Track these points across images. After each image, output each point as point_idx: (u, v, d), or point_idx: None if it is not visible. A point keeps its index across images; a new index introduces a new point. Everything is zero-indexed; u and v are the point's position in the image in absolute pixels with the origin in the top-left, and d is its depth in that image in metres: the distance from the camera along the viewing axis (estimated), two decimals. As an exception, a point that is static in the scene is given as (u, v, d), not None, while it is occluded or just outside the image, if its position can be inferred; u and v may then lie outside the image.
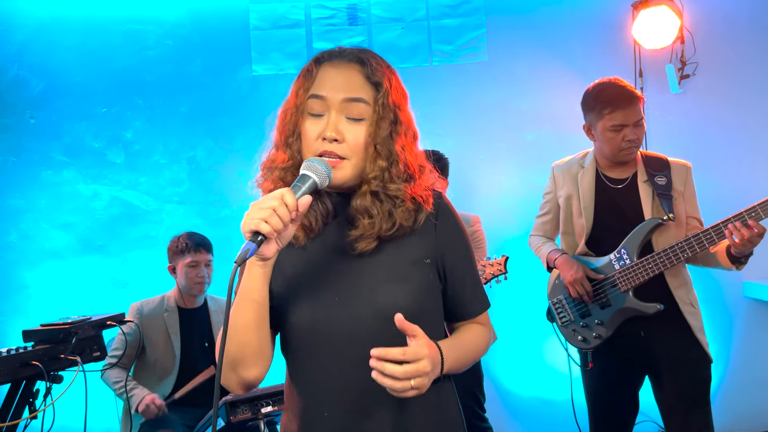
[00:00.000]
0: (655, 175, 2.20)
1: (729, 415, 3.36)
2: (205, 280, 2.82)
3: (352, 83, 1.13)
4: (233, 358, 1.09)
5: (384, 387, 1.02)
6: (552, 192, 2.41)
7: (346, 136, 1.11)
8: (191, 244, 2.81)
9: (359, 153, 1.12)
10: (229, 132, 3.48)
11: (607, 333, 2.23)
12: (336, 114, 1.11)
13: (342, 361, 1.11)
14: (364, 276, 1.14)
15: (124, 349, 2.68)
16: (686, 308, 2.17)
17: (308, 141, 1.13)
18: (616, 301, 2.20)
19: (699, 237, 2.08)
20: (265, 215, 0.98)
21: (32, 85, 3.42)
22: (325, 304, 1.12)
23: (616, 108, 2.13)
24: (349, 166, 1.11)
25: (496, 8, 3.54)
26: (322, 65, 1.16)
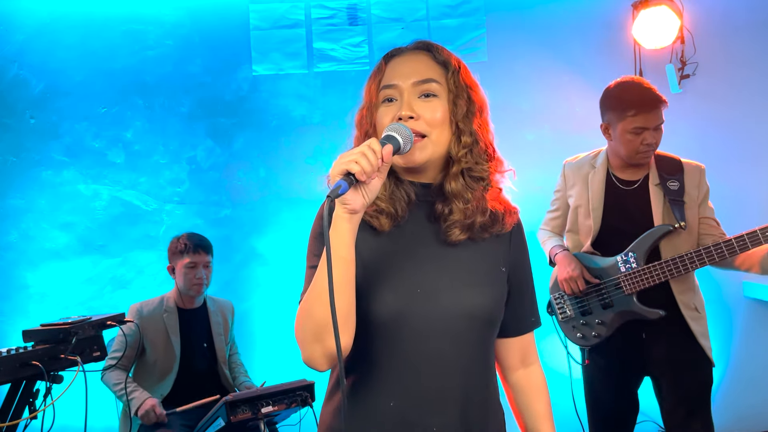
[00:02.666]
0: (667, 179, 2.17)
1: (729, 415, 3.35)
2: (203, 282, 2.82)
3: (421, 66, 1.16)
4: (319, 325, 1.03)
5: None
6: (562, 190, 2.39)
7: (421, 113, 1.12)
8: (190, 245, 2.81)
9: (437, 128, 1.13)
10: (229, 132, 3.48)
11: (606, 333, 2.22)
12: (408, 95, 1.14)
13: (418, 355, 1.11)
14: (448, 272, 1.14)
15: (123, 350, 2.68)
16: (690, 313, 2.15)
17: (382, 125, 1.14)
18: (618, 302, 2.20)
19: (710, 250, 2.06)
20: (355, 157, 0.99)
21: (32, 85, 3.42)
22: (408, 295, 1.11)
23: (640, 111, 2.09)
24: (429, 144, 1.13)
25: (496, 8, 3.54)
26: (390, 60, 1.20)
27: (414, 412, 1.11)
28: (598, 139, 2.33)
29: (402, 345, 1.11)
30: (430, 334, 1.11)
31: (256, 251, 3.46)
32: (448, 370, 1.11)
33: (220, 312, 2.97)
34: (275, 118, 3.49)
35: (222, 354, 2.91)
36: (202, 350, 2.87)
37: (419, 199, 1.18)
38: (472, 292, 1.13)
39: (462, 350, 1.13)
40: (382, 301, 1.10)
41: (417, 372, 1.11)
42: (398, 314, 1.10)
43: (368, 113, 1.18)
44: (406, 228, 1.17)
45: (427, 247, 1.15)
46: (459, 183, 1.15)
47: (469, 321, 1.12)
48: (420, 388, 1.11)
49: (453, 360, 1.12)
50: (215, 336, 2.91)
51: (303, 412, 2.55)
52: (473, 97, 1.19)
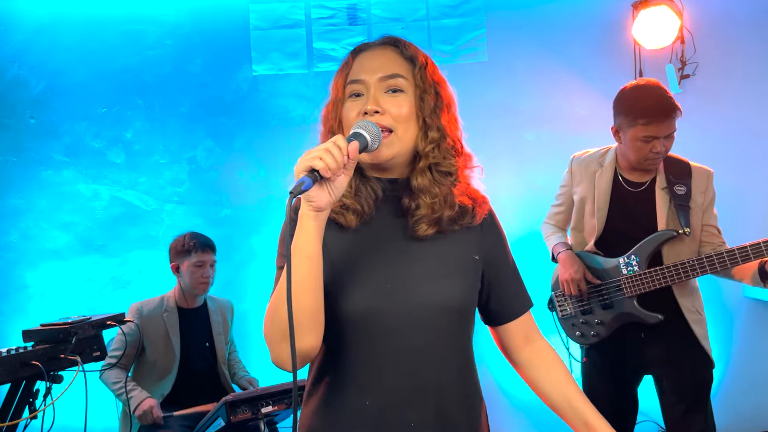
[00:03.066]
0: (675, 183, 2.15)
1: (729, 415, 3.35)
2: (209, 281, 2.83)
3: (387, 62, 1.16)
4: (286, 325, 0.99)
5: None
6: (567, 186, 2.36)
7: (387, 107, 1.12)
8: (198, 244, 2.81)
9: (403, 123, 1.13)
10: (229, 132, 3.48)
11: (605, 333, 2.23)
12: (375, 90, 1.13)
13: (391, 350, 1.10)
14: (417, 266, 1.13)
15: (123, 349, 2.68)
16: (692, 316, 2.15)
17: (349, 120, 1.14)
18: (618, 304, 2.20)
19: (712, 259, 2.05)
20: (320, 153, 0.98)
21: (32, 85, 3.42)
22: (378, 291, 1.10)
23: (652, 121, 2.04)
24: (395, 140, 1.12)
25: (496, 8, 3.54)
26: (357, 55, 1.20)
27: (391, 408, 1.10)
28: (599, 139, 2.33)
29: (374, 341, 1.10)
30: (402, 328, 1.10)
31: (256, 251, 3.46)
32: (423, 363, 1.11)
33: (220, 311, 2.98)
34: (275, 118, 3.48)
35: (222, 354, 2.91)
36: (202, 350, 2.87)
37: (386, 194, 1.18)
38: (442, 284, 1.13)
39: (435, 342, 1.12)
40: (352, 298, 1.10)
41: (391, 368, 1.10)
42: (368, 311, 1.09)
43: (334, 108, 1.18)
44: (373, 224, 1.16)
45: (395, 242, 1.15)
46: (426, 178, 1.15)
47: (440, 313, 1.12)
48: (395, 384, 1.10)
49: (427, 353, 1.11)
50: (215, 336, 2.91)
51: (302, 411, 2.55)
52: (441, 93, 1.19)
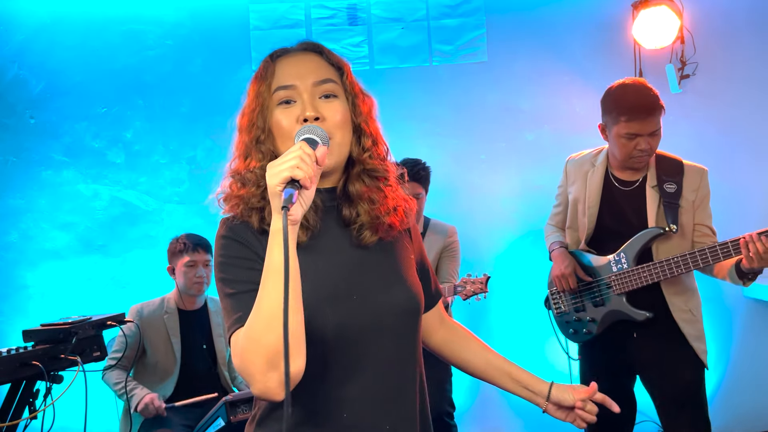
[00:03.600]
0: (665, 181, 2.16)
1: (729, 415, 3.36)
2: (203, 280, 2.82)
3: (317, 67, 1.13)
4: (274, 352, 0.93)
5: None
6: (563, 186, 2.41)
7: (325, 114, 1.09)
8: (189, 244, 2.81)
9: (341, 130, 1.10)
10: (229, 132, 3.46)
11: (596, 330, 2.26)
12: (308, 96, 1.10)
13: (364, 361, 1.09)
14: (373, 274, 1.13)
15: (124, 350, 2.68)
16: (682, 316, 2.15)
17: (285, 129, 1.09)
18: (608, 301, 2.22)
19: (695, 255, 2.06)
20: (296, 163, 0.93)
21: (32, 85, 3.42)
22: (345, 304, 1.08)
23: (634, 118, 2.05)
24: (335, 147, 1.09)
25: (496, 8, 3.54)
26: (277, 60, 1.15)
27: (367, 417, 1.09)
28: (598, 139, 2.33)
29: (347, 355, 1.08)
30: (372, 338, 1.09)
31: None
32: (396, 370, 1.12)
33: (220, 313, 2.97)
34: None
35: (222, 355, 2.91)
36: (202, 352, 2.87)
37: (325, 204, 1.15)
38: (401, 289, 1.14)
39: (402, 346, 1.13)
40: (322, 315, 1.05)
41: (364, 378, 1.09)
42: (340, 325, 1.07)
43: (260, 116, 1.12)
44: (320, 237, 1.12)
45: (346, 254, 1.13)
46: (362, 184, 1.14)
47: (405, 316, 1.13)
48: (370, 394, 1.10)
49: (396, 358, 1.12)
50: (215, 337, 2.91)
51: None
52: (366, 99, 1.18)
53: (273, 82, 1.12)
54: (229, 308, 1.05)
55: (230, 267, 1.07)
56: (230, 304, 1.05)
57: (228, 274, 1.07)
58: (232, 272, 1.06)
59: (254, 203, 1.08)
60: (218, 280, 1.09)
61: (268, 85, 1.12)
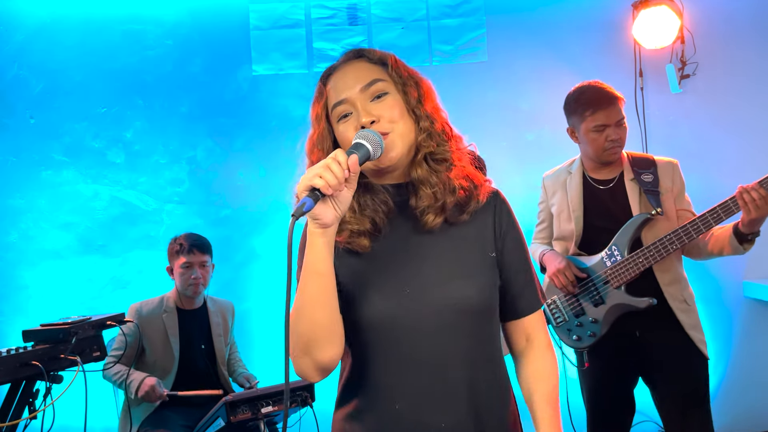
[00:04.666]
0: (641, 173, 2.22)
1: (729, 415, 3.35)
2: (199, 282, 2.82)
3: (360, 72, 1.16)
4: (305, 339, 1.06)
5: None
6: (544, 201, 2.47)
7: (379, 113, 1.12)
8: (185, 246, 2.81)
9: (399, 122, 1.13)
10: (229, 132, 3.48)
11: (601, 330, 2.24)
12: (361, 103, 1.13)
13: (415, 354, 1.10)
14: (432, 265, 1.13)
15: (123, 349, 2.68)
16: (677, 305, 2.17)
17: (348, 141, 1.12)
18: (608, 297, 2.22)
19: (687, 228, 2.09)
20: (319, 171, 0.98)
21: (32, 85, 3.42)
22: (396, 296, 1.11)
23: (597, 109, 2.17)
24: (396, 139, 1.12)
25: (496, 8, 3.54)
26: (328, 80, 1.19)
27: (420, 411, 1.11)
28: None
29: (398, 346, 1.11)
30: (424, 331, 1.10)
31: (256, 251, 3.46)
32: (448, 365, 1.11)
33: (220, 313, 2.97)
34: (275, 118, 3.49)
35: (221, 355, 2.91)
36: (201, 351, 2.87)
37: (395, 200, 1.18)
38: (461, 285, 1.12)
39: (459, 343, 1.12)
40: (372, 305, 1.10)
41: (417, 371, 1.10)
42: (389, 316, 1.10)
43: (322, 139, 1.17)
44: (391, 233, 1.16)
45: (408, 241, 1.15)
46: (423, 169, 1.15)
47: (461, 314, 1.12)
48: (422, 387, 1.11)
49: (452, 355, 1.11)
50: (215, 337, 2.91)
51: (303, 412, 2.55)
52: (420, 83, 1.20)
53: (329, 102, 1.16)
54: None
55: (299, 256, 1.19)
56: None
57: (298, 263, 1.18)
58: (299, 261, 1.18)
59: None
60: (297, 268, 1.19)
61: (324, 106, 1.17)
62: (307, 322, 1.05)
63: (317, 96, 1.19)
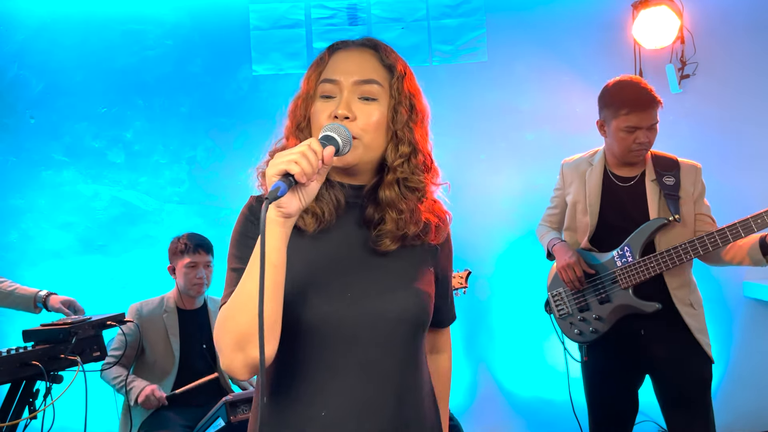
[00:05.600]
0: (663, 175, 2.20)
1: (729, 414, 3.35)
2: (203, 282, 2.82)
3: (365, 66, 1.12)
4: (243, 333, 0.98)
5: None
6: (560, 188, 2.42)
7: (357, 114, 1.08)
8: (190, 245, 2.81)
9: (371, 133, 1.09)
10: (229, 132, 3.48)
11: (603, 328, 2.24)
12: (348, 94, 1.09)
13: (348, 361, 1.07)
14: (377, 277, 1.11)
15: (123, 349, 2.68)
16: (685, 309, 2.16)
17: (318, 121, 1.10)
18: (615, 297, 2.21)
19: (704, 240, 2.07)
20: (295, 157, 0.94)
21: (32, 85, 3.42)
22: (336, 300, 1.07)
23: (633, 110, 2.11)
24: (360, 146, 1.08)
25: (496, 8, 3.54)
26: (335, 52, 1.15)
27: (347, 419, 1.07)
28: (598, 139, 2.33)
29: (331, 352, 1.07)
30: (360, 339, 1.07)
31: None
32: (380, 374, 1.09)
33: (220, 312, 2.97)
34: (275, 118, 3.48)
35: (221, 354, 2.90)
36: (201, 351, 2.87)
37: (348, 201, 1.15)
38: (402, 296, 1.11)
39: (393, 354, 1.10)
40: (310, 306, 1.06)
41: (348, 379, 1.07)
42: (327, 320, 1.06)
43: (303, 104, 1.15)
44: (333, 231, 1.13)
45: (356, 252, 1.12)
46: (393, 192, 1.11)
47: (399, 325, 1.10)
48: (352, 395, 1.07)
49: (384, 364, 1.09)
50: (215, 336, 2.91)
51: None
52: (416, 106, 1.15)
53: (322, 73, 1.13)
54: (227, 283, 1.10)
55: (237, 243, 1.13)
56: (228, 278, 1.10)
57: (234, 249, 1.13)
58: (237, 248, 1.12)
59: None
60: (228, 254, 1.14)
61: (318, 75, 1.14)
62: (249, 314, 0.96)
63: (317, 61, 1.16)
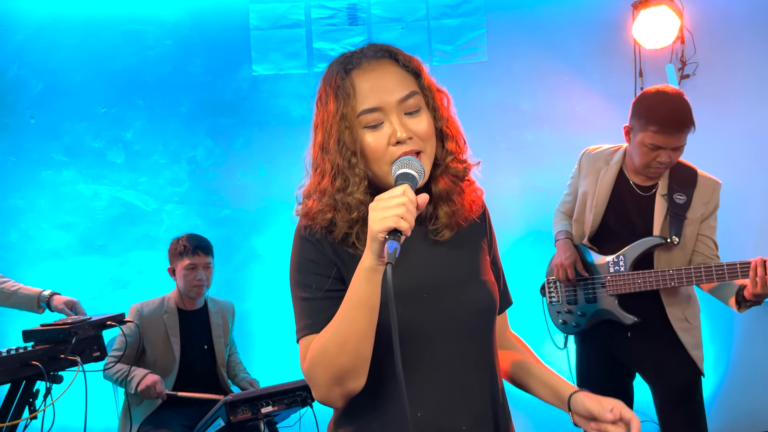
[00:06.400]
0: (676, 192, 2.14)
1: (729, 415, 3.35)
2: (203, 283, 2.82)
3: (398, 81, 1.09)
4: (345, 370, 1.03)
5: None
6: (575, 177, 2.40)
7: (414, 130, 1.07)
8: (189, 247, 2.80)
9: (429, 141, 1.10)
10: (229, 132, 3.48)
11: (584, 326, 2.29)
12: (396, 115, 1.07)
13: (436, 359, 1.10)
14: (447, 271, 1.13)
15: (124, 349, 2.68)
16: (680, 325, 2.17)
17: (378, 153, 1.06)
18: (600, 300, 2.25)
19: (690, 272, 2.06)
20: (401, 212, 0.93)
21: (32, 85, 3.42)
22: (415, 301, 1.09)
23: (662, 130, 2.01)
24: (426, 161, 1.09)
25: (496, 8, 3.54)
26: (353, 74, 1.09)
27: (443, 417, 1.10)
28: (598, 139, 2.33)
29: (417, 352, 1.09)
30: (442, 336, 1.10)
31: (256, 251, 3.46)
32: (469, 368, 1.12)
33: (220, 313, 2.97)
34: (275, 118, 3.49)
35: (221, 356, 2.91)
36: (201, 352, 2.87)
37: None
38: (475, 287, 1.14)
39: (477, 346, 1.14)
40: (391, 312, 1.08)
41: (437, 376, 1.10)
42: (409, 322, 1.07)
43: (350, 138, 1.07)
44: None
45: (418, 250, 1.14)
46: (445, 185, 1.13)
47: (478, 315, 1.13)
48: (445, 392, 1.10)
49: (469, 357, 1.12)
50: (215, 338, 2.91)
51: (302, 412, 2.55)
52: (443, 96, 1.16)
53: (356, 104, 1.07)
54: (301, 312, 1.12)
55: (304, 270, 1.13)
56: (302, 308, 1.12)
57: (302, 276, 1.13)
58: (305, 276, 1.13)
59: (344, 228, 1.09)
60: (292, 280, 1.15)
61: (352, 107, 1.07)
62: (351, 355, 1.02)
63: (340, 91, 1.07)
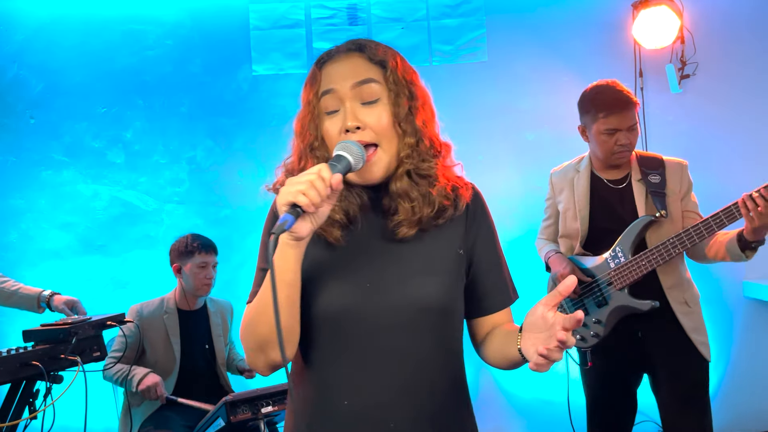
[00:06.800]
0: (648, 174, 2.22)
1: (729, 415, 3.35)
2: (212, 282, 2.83)
3: (357, 68, 1.11)
4: (263, 340, 1.05)
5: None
6: (551, 198, 2.45)
7: (366, 120, 1.08)
8: (200, 245, 2.81)
9: (387, 134, 1.10)
10: (229, 132, 3.48)
11: (604, 331, 2.24)
12: (350, 103, 1.09)
13: (369, 351, 1.08)
14: (398, 265, 1.11)
15: (123, 350, 2.68)
16: (680, 308, 2.17)
17: (332, 139, 1.11)
18: (612, 299, 2.22)
19: (689, 232, 2.08)
20: (303, 188, 0.95)
21: (32, 85, 3.42)
22: (356, 290, 1.09)
23: (611, 113, 2.14)
24: (383, 155, 1.09)
25: (496, 8, 3.54)
26: (323, 65, 1.14)
27: (370, 409, 1.09)
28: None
29: (352, 341, 1.09)
30: (381, 328, 1.08)
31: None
32: (402, 363, 1.09)
33: (219, 313, 2.98)
34: (275, 118, 3.48)
35: (221, 355, 2.91)
36: (201, 352, 2.87)
37: (372, 202, 1.16)
38: (423, 282, 1.10)
39: (416, 342, 1.10)
40: (328, 297, 1.09)
41: (370, 368, 1.09)
42: (346, 310, 1.08)
43: (311, 124, 1.13)
44: (361, 229, 1.14)
45: (376, 243, 1.13)
46: (404, 182, 1.11)
47: (421, 312, 1.09)
48: (374, 385, 1.09)
49: (407, 353, 1.09)
50: (215, 337, 2.91)
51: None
52: (415, 92, 1.14)
53: (318, 90, 1.13)
54: (254, 280, 1.18)
55: (263, 242, 1.21)
56: (256, 278, 1.18)
57: (262, 247, 1.21)
58: (261, 250, 1.21)
59: None
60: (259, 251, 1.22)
61: (315, 92, 1.13)
62: (267, 324, 1.02)
63: (310, 79, 1.15)
